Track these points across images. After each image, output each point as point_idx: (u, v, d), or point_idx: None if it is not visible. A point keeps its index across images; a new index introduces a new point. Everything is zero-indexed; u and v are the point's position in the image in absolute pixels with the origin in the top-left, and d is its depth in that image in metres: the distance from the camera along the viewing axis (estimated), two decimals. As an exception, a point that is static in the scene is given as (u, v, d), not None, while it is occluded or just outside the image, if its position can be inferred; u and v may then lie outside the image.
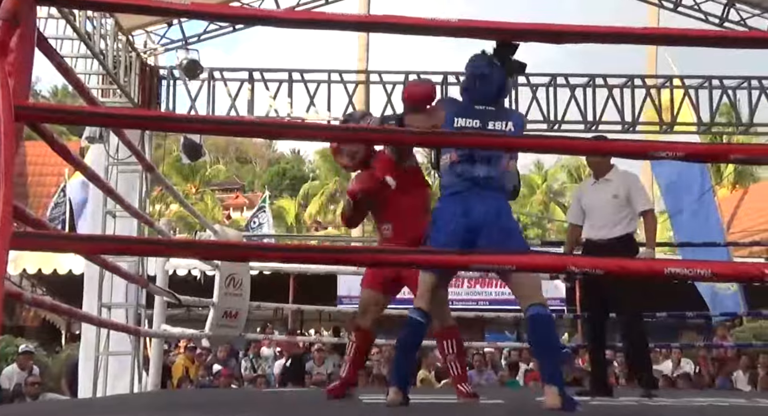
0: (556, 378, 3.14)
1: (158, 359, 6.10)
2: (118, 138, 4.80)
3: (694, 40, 2.05)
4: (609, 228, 4.67)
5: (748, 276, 1.99)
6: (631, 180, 4.81)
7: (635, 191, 4.73)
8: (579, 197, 4.97)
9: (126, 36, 7.58)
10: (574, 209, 4.98)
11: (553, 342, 3.38)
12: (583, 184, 5.11)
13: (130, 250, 2.91)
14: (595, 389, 4.70)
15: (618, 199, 4.67)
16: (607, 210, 4.70)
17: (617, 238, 4.65)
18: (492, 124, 3.39)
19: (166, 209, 26.50)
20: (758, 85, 8.71)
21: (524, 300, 3.27)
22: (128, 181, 7.28)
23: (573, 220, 4.98)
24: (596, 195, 4.79)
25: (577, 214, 4.92)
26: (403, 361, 3.48)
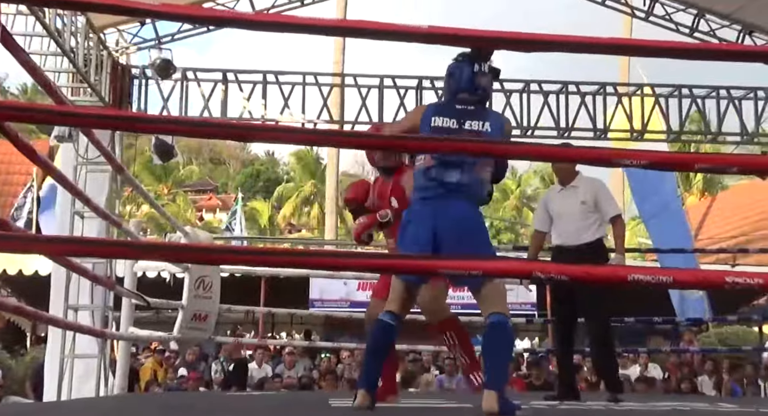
0: (497, 383, 3.13)
1: (125, 362, 6.03)
2: (86, 137, 4.75)
3: (660, 52, 2.08)
4: (578, 234, 4.71)
5: (710, 284, 2.03)
6: (597, 186, 4.84)
7: (603, 197, 4.76)
8: (546, 204, 4.99)
9: (97, 34, 7.50)
10: (540, 216, 5.00)
11: (505, 350, 3.36)
12: (550, 191, 5.14)
13: (95, 252, 2.88)
14: (562, 393, 4.72)
15: (586, 205, 4.71)
16: (575, 217, 4.73)
17: (587, 244, 4.68)
18: (469, 123, 3.34)
19: (137, 210, 26.28)
20: (726, 94, 8.85)
21: (487, 308, 3.28)
22: (98, 181, 7.19)
23: (539, 227, 5.00)
24: (563, 201, 4.83)
25: (543, 221, 4.95)
26: (372, 364, 3.43)
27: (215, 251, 2.68)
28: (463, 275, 2.65)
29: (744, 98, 8.88)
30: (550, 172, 33.25)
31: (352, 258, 2.28)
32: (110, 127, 3.83)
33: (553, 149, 2.30)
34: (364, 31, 2.05)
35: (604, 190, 4.88)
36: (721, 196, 21.01)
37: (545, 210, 4.95)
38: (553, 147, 2.32)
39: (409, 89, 8.66)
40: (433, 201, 3.32)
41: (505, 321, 3.25)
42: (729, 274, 1.89)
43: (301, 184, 32.33)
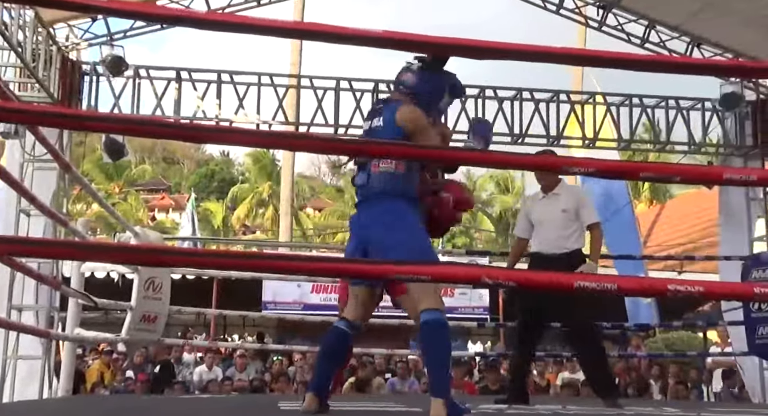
0: (442, 390, 3.01)
1: (70, 363, 5.91)
2: (32, 134, 4.64)
3: (607, 62, 2.12)
4: (560, 242, 4.73)
5: (653, 291, 2.06)
6: (579, 194, 4.90)
7: (583, 205, 4.80)
8: (527, 211, 4.97)
9: (46, 28, 7.34)
10: (522, 223, 4.98)
11: (444, 351, 3.10)
12: (532, 198, 5.12)
13: (41, 253, 2.81)
14: (513, 397, 4.75)
15: (567, 214, 4.73)
16: (556, 225, 4.75)
17: (567, 253, 4.71)
18: (370, 122, 3.37)
19: (87, 208, 25.81)
20: (675, 105, 9.05)
21: (418, 304, 3.11)
22: (45, 179, 7.04)
23: (520, 234, 4.99)
24: (545, 209, 4.83)
25: (525, 228, 4.94)
26: (324, 368, 3.41)
27: (165, 253, 2.64)
28: (411, 279, 2.63)
29: (692, 109, 9.09)
30: (505, 177, 33.70)
31: (305, 262, 2.27)
32: (58, 125, 3.75)
33: (507, 156, 2.32)
34: (318, 34, 2.04)
35: (586, 198, 4.93)
36: (670, 204, 21.46)
37: (527, 217, 4.94)
38: (505, 153, 2.34)
39: (366, 92, 8.67)
40: (359, 204, 3.39)
41: (440, 317, 3.07)
42: (671, 282, 1.92)
43: (256, 185, 32.10)
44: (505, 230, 31.96)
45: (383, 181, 3.26)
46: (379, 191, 3.26)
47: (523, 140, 8.84)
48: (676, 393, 8.20)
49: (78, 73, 8.09)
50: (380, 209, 3.24)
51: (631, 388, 8.78)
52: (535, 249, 4.86)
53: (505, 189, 33.09)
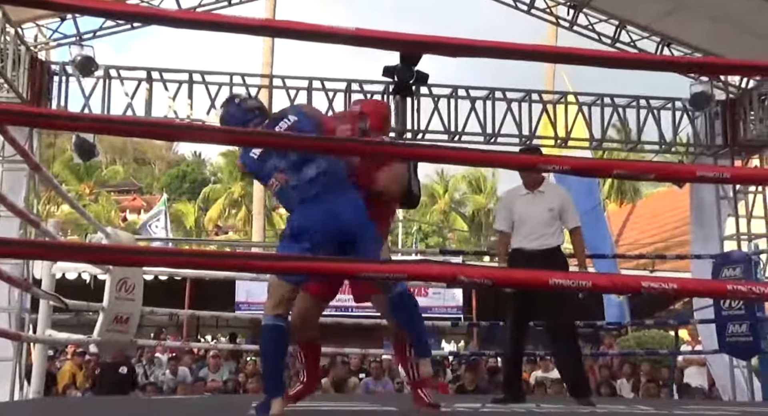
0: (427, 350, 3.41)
1: (41, 365, 5.83)
2: (1, 135, 4.57)
3: (578, 59, 2.13)
4: (543, 239, 4.74)
5: (627, 288, 2.09)
6: (564, 196, 4.91)
7: (567, 207, 4.83)
8: (509, 206, 4.93)
9: (15, 28, 7.25)
10: (504, 217, 4.92)
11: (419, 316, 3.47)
12: (512, 193, 5.05)
13: (10, 253, 2.77)
14: (511, 396, 4.73)
15: (552, 213, 4.75)
16: (541, 223, 4.75)
17: (551, 249, 4.74)
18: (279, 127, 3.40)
19: (57, 210, 25.50)
20: (646, 104, 9.14)
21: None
22: (14, 179, 6.96)
23: (504, 228, 4.92)
24: (530, 206, 4.81)
25: (507, 222, 4.89)
26: (277, 369, 3.36)
27: (135, 252, 2.62)
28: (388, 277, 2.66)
29: (663, 108, 9.18)
30: (477, 176, 33.81)
31: (273, 261, 2.26)
32: (29, 124, 3.70)
33: (483, 154, 2.33)
34: (290, 32, 2.03)
35: (570, 200, 4.93)
36: (641, 204, 21.71)
37: (509, 211, 4.89)
38: (482, 151, 2.35)
39: (338, 92, 8.66)
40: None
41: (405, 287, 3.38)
42: (645, 279, 1.94)
43: (228, 186, 31.92)
44: (478, 229, 32.12)
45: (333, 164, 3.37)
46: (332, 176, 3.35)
47: (495, 140, 8.89)
48: (647, 391, 8.27)
49: (47, 74, 7.99)
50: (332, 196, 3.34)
51: (604, 387, 8.86)
52: (517, 245, 4.83)
53: (477, 188, 33.24)
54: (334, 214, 3.24)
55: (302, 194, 3.28)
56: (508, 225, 4.88)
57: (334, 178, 3.30)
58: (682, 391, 8.53)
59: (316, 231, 3.23)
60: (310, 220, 3.25)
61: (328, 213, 3.24)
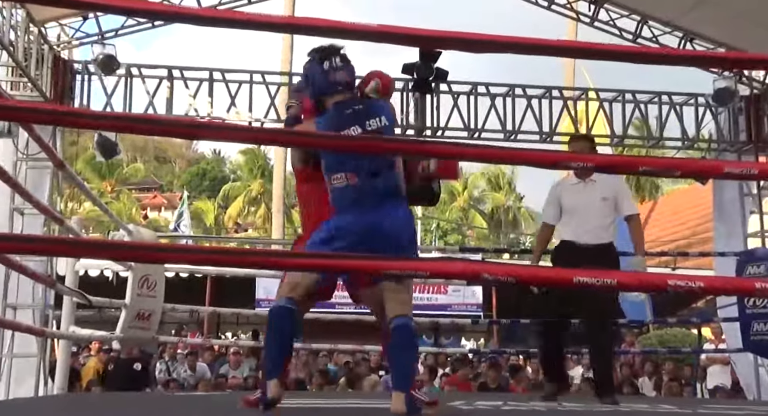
0: (404, 384, 3.14)
1: (65, 361, 5.88)
2: (27, 133, 4.62)
3: (605, 54, 2.12)
4: (597, 233, 4.46)
5: (653, 286, 2.06)
6: (618, 183, 4.60)
7: (623, 194, 4.56)
8: (558, 197, 4.61)
9: (38, 28, 7.32)
10: (551, 209, 4.62)
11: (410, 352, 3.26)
12: (562, 184, 4.77)
13: (35, 250, 2.80)
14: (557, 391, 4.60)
15: (607, 202, 4.47)
16: (594, 214, 4.46)
17: (606, 245, 4.47)
18: (368, 123, 3.20)
19: (80, 207, 25.74)
20: (668, 100, 9.05)
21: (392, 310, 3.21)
22: (38, 177, 7.03)
23: (549, 221, 4.65)
24: (581, 196, 4.50)
25: (554, 215, 4.60)
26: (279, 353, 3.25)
27: (157, 249, 2.63)
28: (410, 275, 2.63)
29: (685, 104, 9.09)
30: (497, 173, 33.66)
31: (296, 258, 2.26)
32: (54, 122, 3.73)
33: (505, 151, 2.32)
34: (313, 28, 2.03)
35: (625, 186, 4.64)
36: (662, 201, 21.53)
37: (557, 203, 4.59)
38: (504, 148, 2.34)
39: (358, 89, 8.65)
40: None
41: (409, 323, 3.19)
42: (671, 277, 1.91)
43: (248, 183, 32.06)
44: (497, 227, 32.02)
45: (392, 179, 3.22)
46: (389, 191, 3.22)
47: (516, 136, 8.85)
48: (669, 390, 8.21)
49: (70, 72, 8.06)
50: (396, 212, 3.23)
51: (626, 385, 8.80)
52: (568, 237, 4.52)
53: (496, 186, 33.14)
54: (379, 227, 3.14)
55: (361, 199, 3.16)
56: (554, 217, 4.60)
57: (392, 190, 3.21)
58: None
59: (355, 237, 3.12)
60: (353, 225, 3.15)
61: (374, 224, 3.14)
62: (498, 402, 4.52)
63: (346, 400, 4.69)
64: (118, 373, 8.44)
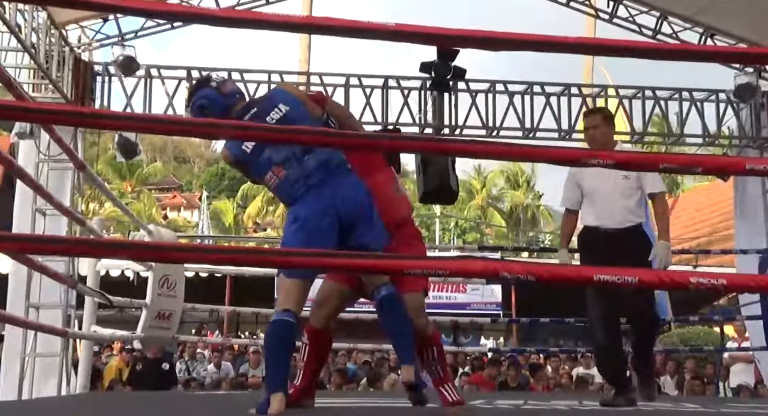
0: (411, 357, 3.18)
1: (87, 361, 5.95)
2: (48, 134, 4.66)
3: (625, 51, 2.10)
4: (622, 215, 4.11)
5: (675, 284, 2.04)
6: None
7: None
8: (577, 179, 4.24)
9: (59, 30, 7.38)
10: (571, 193, 4.27)
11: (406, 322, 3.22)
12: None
13: (57, 251, 2.82)
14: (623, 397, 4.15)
15: (629, 181, 4.08)
16: (616, 194, 4.11)
17: (632, 228, 4.11)
18: (270, 117, 3.21)
19: (101, 207, 25.95)
20: (688, 96, 8.97)
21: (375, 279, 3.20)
22: (60, 178, 7.09)
23: (570, 205, 4.28)
24: (601, 177, 4.09)
25: (575, 199, 4.26)
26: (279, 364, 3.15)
27: (179, 249, 2.64)
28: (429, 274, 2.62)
29: (706, 100, 9.01)
30: (516, 171, 33.53)
31: (317, 257, 2.26)
32: (75, 123, 3.77)
33: (523, 148, 2.31)
34: (335, 29, 2.03)
35: None
36: (683, 198, 21.36)
37: (576, 185, 4.24)
38: (521, 146, 2.33)
39: (375, 88, 8.65)
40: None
41: (394, 291, 3.19)
42: (694, 275, 1.90)
43: (267, 183, 32.15)
44: (516, 225, 31.91)
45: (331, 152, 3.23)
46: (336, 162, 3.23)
47: (534, 134, 8.81)
48: (691, 389, 8.15)
49: (90, 74, 8.12)
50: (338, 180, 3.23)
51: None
52: (592, 223, 4.17)
53: (515, 184, 33.04)
54: (334, 201, 3.13)
55: (304, 186, 3.16)
56: (575, 201, 4.27)
57: (333, 164, 3.19)
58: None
59: (320, 219, 3.11)
60: (312, 210, 3.13)
61: (330, 200, 3.13)
62: (518, 401, 4.51)
63: (367, 399, 4.69)
64: (147, 373, 8.53)
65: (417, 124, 8.54)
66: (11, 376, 6.30)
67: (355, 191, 3.20)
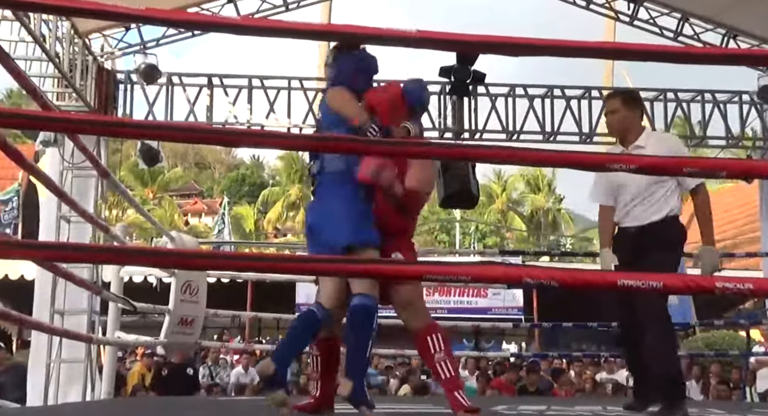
0: (355, 372, 3.14)
1: (111, 366, 5.99)
2: (72, 142, 4.72)
3: (648, 55, 2.09)
4: (644, 211, 3.67)
5: (700, 289, 2.02)
6: (671, 143, 3.73)
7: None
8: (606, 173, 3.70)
9: (82, 39, 7.46)
10: (599, 188, 3.88)
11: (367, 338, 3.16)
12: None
13: (81, 259, 2.85)
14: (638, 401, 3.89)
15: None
16: (639, 188, 3.67)
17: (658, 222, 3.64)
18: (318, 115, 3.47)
19: (123, 214, 26.16)
20: (711, 98, 8.90)
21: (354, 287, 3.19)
22: (83, 185, 7.17)
23: (603, 201, 3.86)
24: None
25: (607, 193, 3.83)
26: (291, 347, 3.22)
27: (203, 257, 2.66)
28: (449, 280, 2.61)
29: (729, 102, 8.93)
30: (536, 175, 33.37)
31: (336, 264, 2.27)
32: (98, 132, 3.80)
33: (542, 153, 2.30)
34: (356, 36, 2.04)
35: (681, 147, 3.77)
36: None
37: (604, 180, 3.81)
38: (541, 151, 2.32)
39: (396, 93, 8.65)
40: None
41: (372, 304, 3.15)
42: (719, 279, 1.88)
43: (286, 188, 32.29)
44: (536, 229, 31.76)
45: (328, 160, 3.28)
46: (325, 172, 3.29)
47: (555, 138, 8.78)
48: (717, 394, 8.05)
49: (113, 82, 8.21)
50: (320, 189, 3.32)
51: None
52: (617, 219, 3.80)
53: (535, 188, 32.88)
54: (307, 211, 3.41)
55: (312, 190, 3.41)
56: (607, 197, 3.84)
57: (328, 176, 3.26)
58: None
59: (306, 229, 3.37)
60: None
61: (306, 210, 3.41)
62: (542, 406, 4.48)
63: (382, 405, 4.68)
64: (172, 378, 8.58)
65: (437, 128, 8.53)
66: (37, 382, 6.37)
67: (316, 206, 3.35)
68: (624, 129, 3.78)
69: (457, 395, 3.19)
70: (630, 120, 3.78)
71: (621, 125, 3.79)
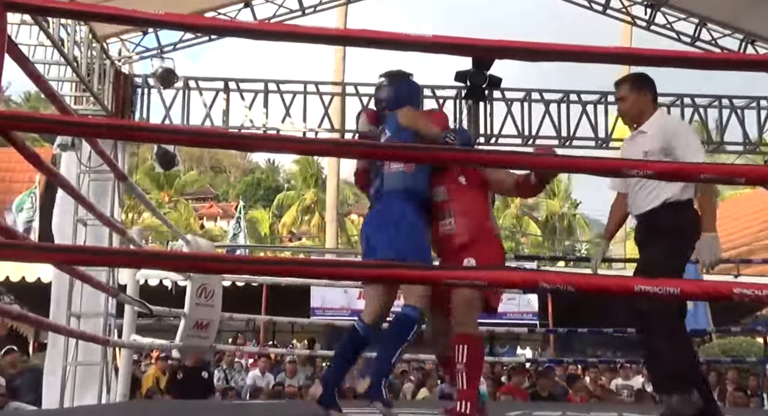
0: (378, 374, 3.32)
1: (127, 369, 6.02)
2: (90, 146, 4.75)
3: (667, 61, 2.08)
4: (640, 198, 3.48)
5: (718, 295, 2.01)
6: (671, 128, 3.47)
7: (680, 144, 3.34)
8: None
9: (100, 43, 7.52)
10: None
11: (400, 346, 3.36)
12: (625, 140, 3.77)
13: (98, 262, 2.87)
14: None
15: (650, 158, 3.25)
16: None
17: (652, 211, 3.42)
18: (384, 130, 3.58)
19: (139, 217, 26.30)
20: (729, 104, 8.84)
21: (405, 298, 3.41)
22: (100, 188, 7.22)
23: (617, 188, 3.70)
24: (627, 153, 3.54)
25: (619, 181, 3.64)
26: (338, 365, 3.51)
27: (218, 260, 2.67)
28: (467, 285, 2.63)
29: (747, 107, 8.87)
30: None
31: (352, 268, 2.27)
32: (116, 136, 3.83)
33: (558, 159, 2.30)
34: (373, 41, 2.05)
35: (683, 134, 3.46)
36: (723, 206, 20.99)
37: None
38: (557, 156, 2.32)
39: (411, 98, 8.66)
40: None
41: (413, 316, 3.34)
42: (737, 286, 1.86)
43: (301, 193, 32.35)
44: (551, 234, 31.63)
45: (394, 180, 3.46)
46: (388, 190, 3.47)
47: (570, 143, 8.75)
48: (734, 401, 7.98)
49: (130, 86, 8.27)
50: (381, 207, 3.48)
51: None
52: (628, 211, 3.62)
53: (551, 192, 32.75)
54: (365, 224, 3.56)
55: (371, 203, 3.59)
56: (619, 183, 3.66)
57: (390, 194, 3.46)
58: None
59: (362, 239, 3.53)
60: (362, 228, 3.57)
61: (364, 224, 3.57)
62: (556, 412, 4.46)
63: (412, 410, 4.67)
64: (187, 381, 8.60)
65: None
66: (53, 384, 6.41)
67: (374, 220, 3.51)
68: (636, 114, 3.58)
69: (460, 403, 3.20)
70: (639, 105, 3.57)
71: (632, 111, 3.59)
